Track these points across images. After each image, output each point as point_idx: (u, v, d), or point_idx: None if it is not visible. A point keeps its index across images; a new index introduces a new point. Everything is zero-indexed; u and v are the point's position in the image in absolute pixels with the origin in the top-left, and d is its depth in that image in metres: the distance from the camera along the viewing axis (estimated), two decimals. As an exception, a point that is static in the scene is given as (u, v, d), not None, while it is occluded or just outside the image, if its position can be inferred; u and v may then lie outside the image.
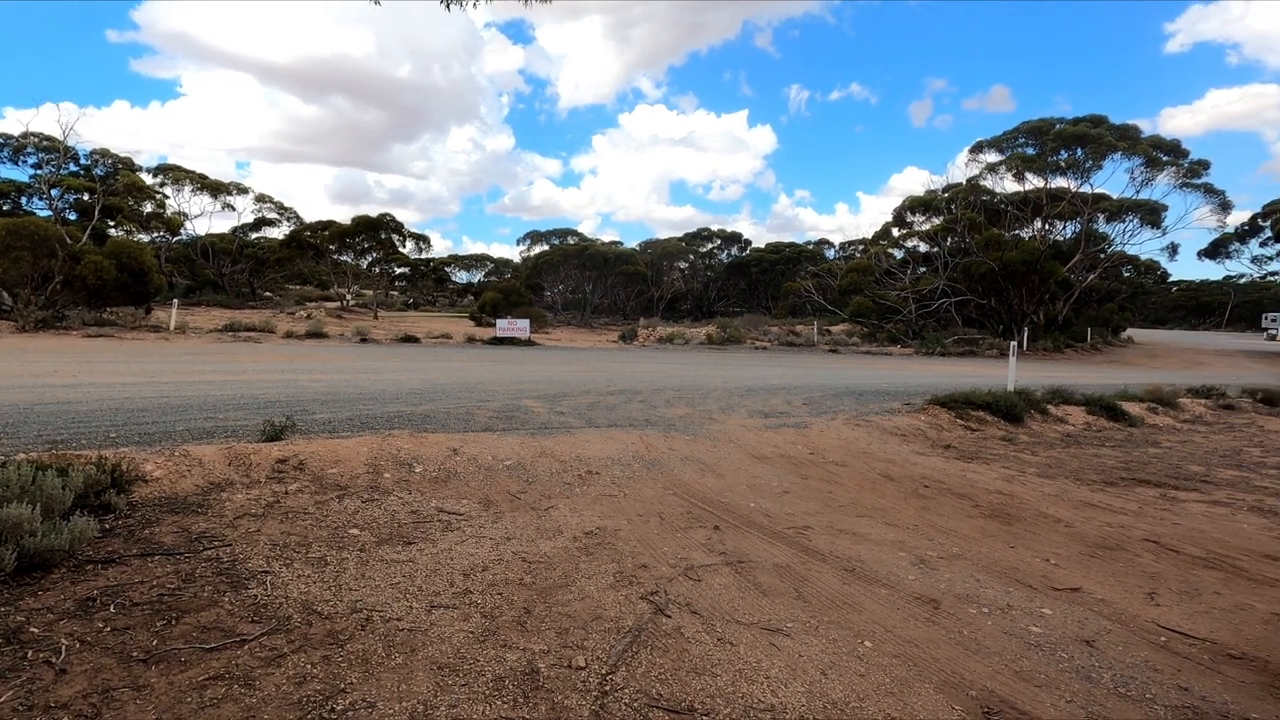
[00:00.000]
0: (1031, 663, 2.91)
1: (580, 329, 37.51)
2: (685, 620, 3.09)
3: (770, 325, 34.00)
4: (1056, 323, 34.29)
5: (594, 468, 5.71)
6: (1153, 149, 30.86)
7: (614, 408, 8.70)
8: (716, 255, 60.10)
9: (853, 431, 7.95)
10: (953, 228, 33.21)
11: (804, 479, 5.93)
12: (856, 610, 3.34)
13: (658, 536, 4.24)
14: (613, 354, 20.98)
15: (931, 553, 4.25)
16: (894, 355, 26.10)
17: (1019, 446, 8.10)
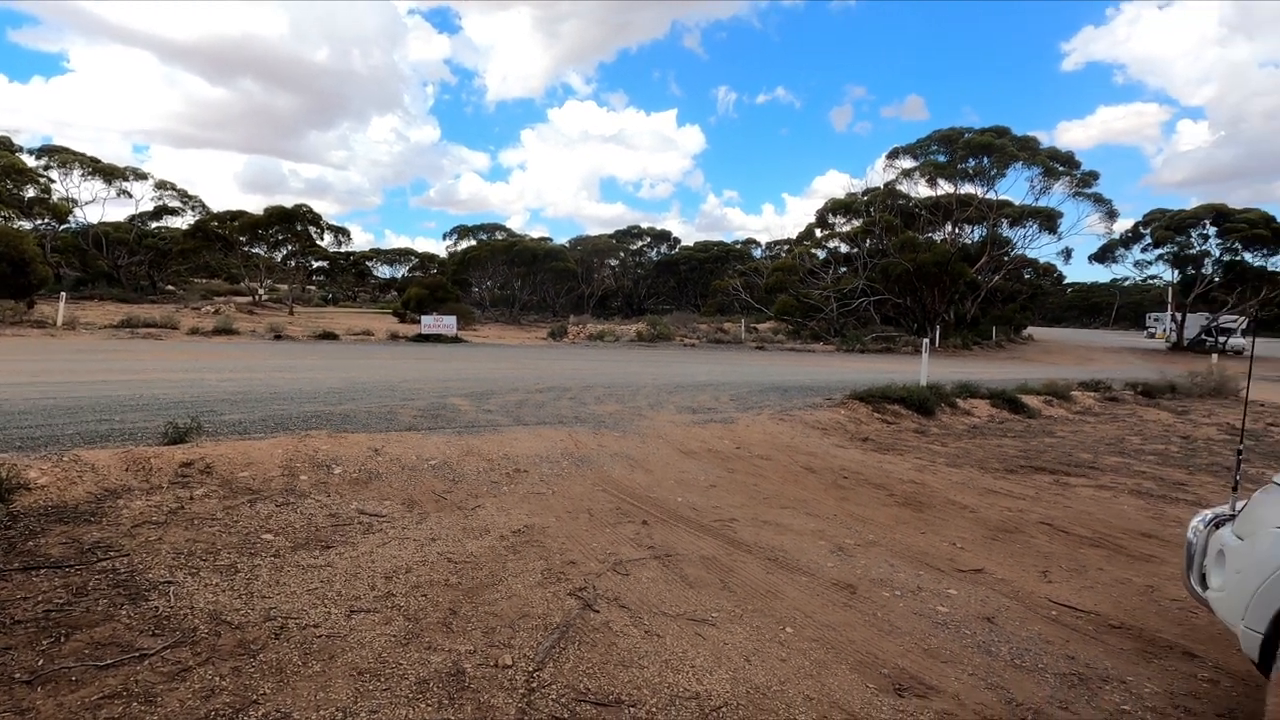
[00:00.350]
0: (939, 640, 3.09)
1: (509, 326, 36.95)
2: (613, 614, 3.11)
3: (699, 323, 34.52)
4: (965, 321, 36.32)
5: (522, 466, 5.66)
6: (1050, 160, 33.14)
7: (543, 405, 8.64)
8: (646, 253, 60.45)
9: (777, 426, 8.19)
10: (871, 230, 34.64)
11: (730, 473, 6.07)
12: (779, 598, 3.45)
13: (586, 533, 4.24)
14: (542, 351, 20.79)
15: (849, 540, 4.44)
16: (817, 352, 27.00)
17: (930, 438, 8.55)
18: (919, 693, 2.64)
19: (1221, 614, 2.47)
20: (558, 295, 47.79)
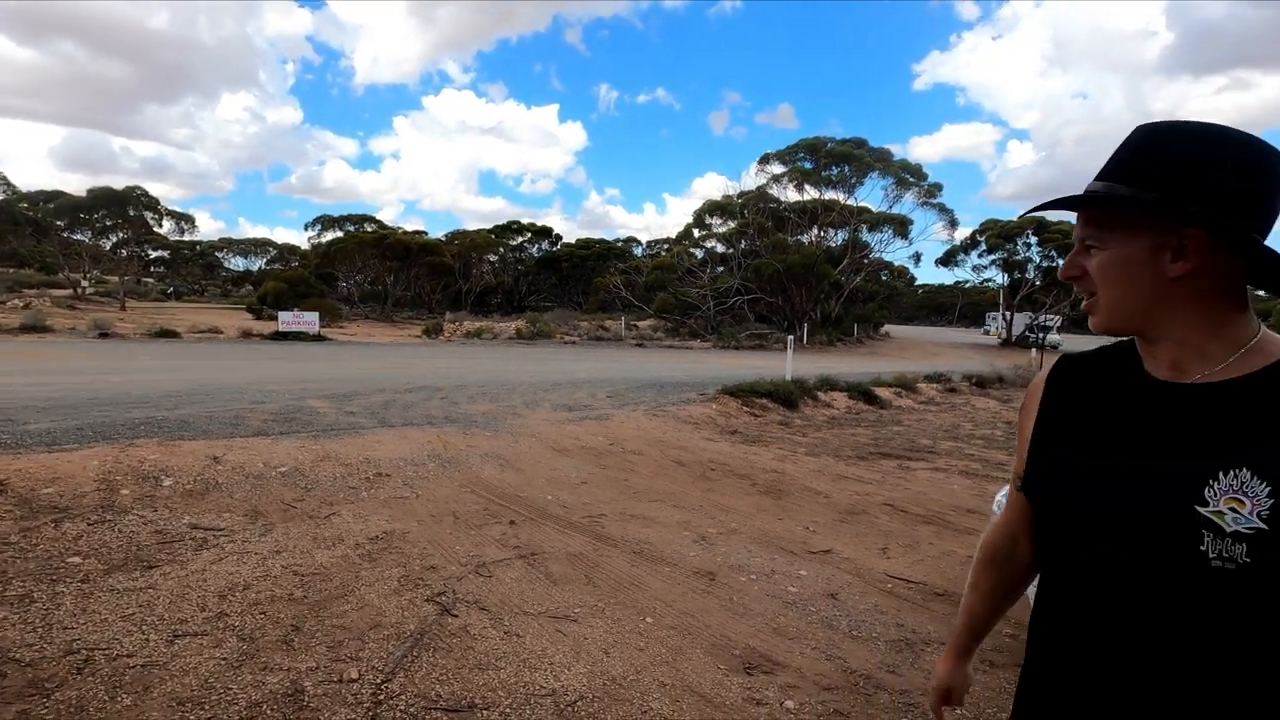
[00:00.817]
0: (787, 619, 3.29)
1: (380, 323, 35.17)
2: (473, 618, 3.04)
3: (580, 320, 34.53)
4: (831, 319, 38.85)
5: (385, 469, 5.40)
6: (902, 171, 36.14)
7: (411, 405, 8.29)
8: (527, 249, 59.61)
9: (651, 421, 8.36)
10: (745, 231, 36.19)
11: (602, 469, 6.12)
12: (642, 589, 3.52)
13: (450, 536, 4.12)
14: (415, 349, 19.97)
15: (712, 530, 4.62)
16: (695, 349, 27.85)
17: (794, 429, 9.07)
18: (766, 669, 2.79)
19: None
20: (434, 291, 46.02)
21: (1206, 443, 0.77)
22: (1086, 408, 0.89)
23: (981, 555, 1.09)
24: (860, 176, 35.71)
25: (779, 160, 37.86)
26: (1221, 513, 0.72)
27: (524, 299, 53.18)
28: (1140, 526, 0.77)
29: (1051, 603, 0.89)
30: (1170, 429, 0.80)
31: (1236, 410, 0.77)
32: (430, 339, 25.74)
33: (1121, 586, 0.79)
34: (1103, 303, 0.84)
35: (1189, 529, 0.73)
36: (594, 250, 55.63)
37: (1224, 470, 0.74)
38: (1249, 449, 0.74)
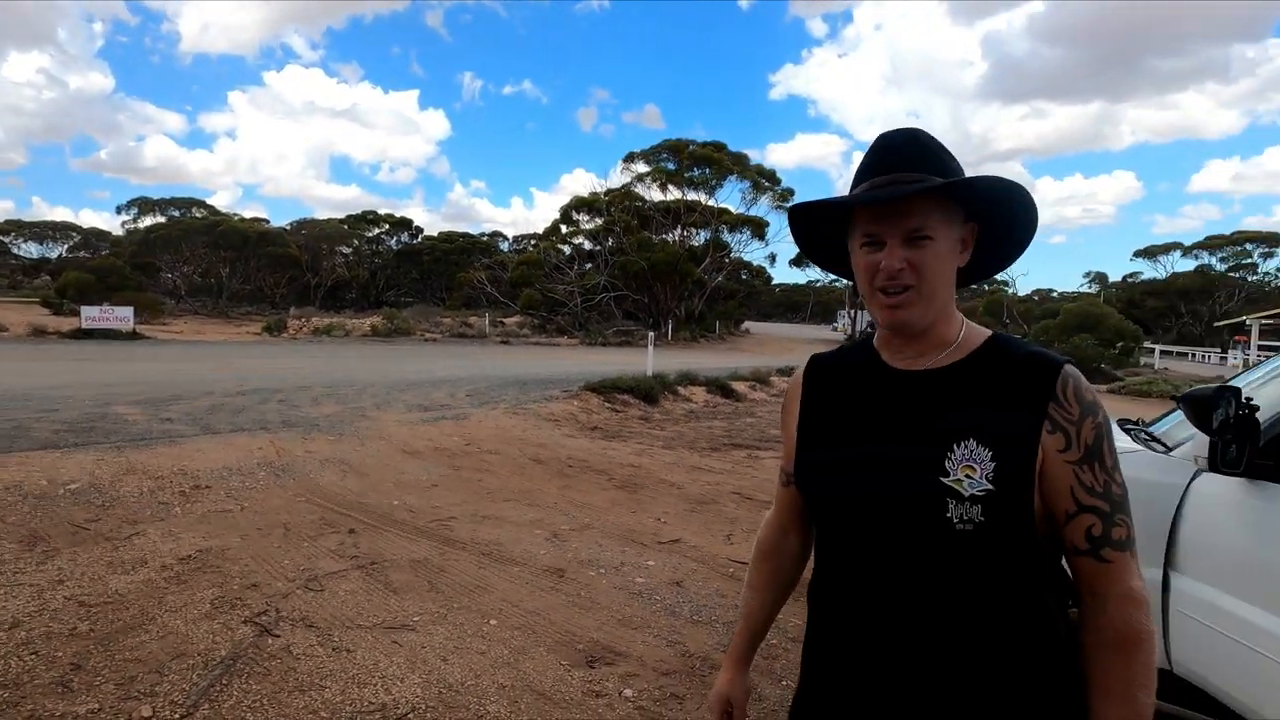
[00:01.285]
0: (633, 609, 3.35)
1: (213, 319, 31.91)
2: (297, 636, 2.83)
3: (443, 317, 33.28)
4: (694, 316, 40.22)
5: (204, 481, 4.89)
6: (758, 175, 38.11)
7: (243, 409, 7.58)
8: (385, 241, 56.48)
9: (510, 420, 8.22)
10: (612, 229, 36.55)
11: (456, 470, 5.93)
12: (488, 592, 3.45)
13: (279, 550, 3.81)
14: (252, 348, 18.30)
15: (565, 526, 4.62)
16: (562, 346, 27.76)
17: (653, 424, 9.29)
18: (608, 661, 2.83)
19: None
20: (277, 285, 42.37)
21: (941, 421, 0.86)
22: (841, 402, 0.95)
23: (756, 553, 1.13)
24: (720, 179, 37.24)
25: (644, 160, 38.59)
26: (960, 480, 0.82)
27: (381, 294, 50.33)
28: (899, 500, 0.85)
29: (824, 579, 0.95)
30: (913, 412, 0.89)
31: (960, 390, 0.88)
32: (272, 337, 23.67)
33: (884, 555, 0.87)
34: (925, 295, 0.86)
35: (937, 498, 0.82)
36: (458, 244, 53.82)
37: (957, 443, 0.84)
38: (973, 422, 0.85)
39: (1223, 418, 1.87)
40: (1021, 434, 0.83)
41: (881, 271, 0.86)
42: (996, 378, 0.87)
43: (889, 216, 0.86)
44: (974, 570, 0.83)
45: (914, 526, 0.84)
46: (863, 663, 0.89)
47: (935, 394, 0.88)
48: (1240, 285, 49.38)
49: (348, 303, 45.86)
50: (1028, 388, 0.85)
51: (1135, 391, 17.51)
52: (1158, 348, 35.64)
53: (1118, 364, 22.87)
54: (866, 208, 0.88)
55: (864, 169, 0.91)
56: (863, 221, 0.88)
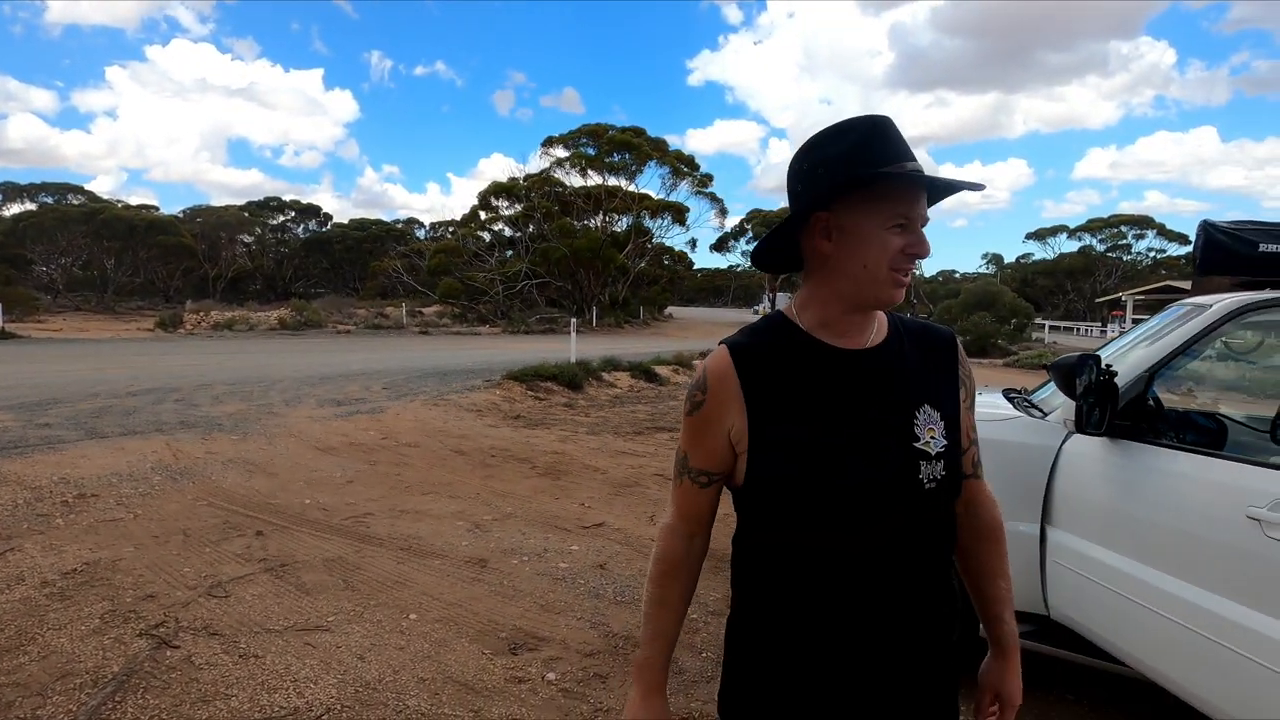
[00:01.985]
0: (556, 595, 3.36)
1: (98, 315, 29.44)
2: (199, 646, 2.69)
3: (356, 308, 31.95)
4: (618, 302, 40.25)
5: (91, 489, 4.54)
6: (677, 161, 38.39)
7: (134, 411, 7.06)
8: (291, 229, 53.57)
9: (430, 412, 8.01)
10: (532, 215, 35.98)
11: (372, 465, 5.74)
12: (407, 586, 3.38)
13: (178, 558, 3.59)
14: (144, 345, 17.02)
15: (488, 516, 4.56)
16: (483, 335, 27.21)
17: (577, 410, 9.27)
18: (531, 647, 2.84)
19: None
20: (171, 278, 39.48)
21: (897, 392, 0.93)
22: (797, 386, 0.92)
23: (663, 567, 1.02)
24: (640, 164, 37.30)
25: (563, 144, 38.15)
26: (927, 443, 0.92)
27: (289, 285, 47.77)
28: (885, 469, 0.90)
29: (782, 559, 0.92)
30: (878, 383, 0.93)
31: (901, 363, 0.95)
32: (166, 332, 22.08)
33: (863, 524, 0.89)
34: (912, 273, 0.93)
35: (912, 461, 0.91)
36: (371, 232, 51.67)
37: (917, 409, 0.93)
38: (921, 389, 0.94)
39: (1086, 383, 2.05)
40: (951, 393, 0.98)
41: (907, 253, 0.89)
42: (919, 349, 0.98)
43: (920, 202, 0.90)
44: (935, 523, 0.94)
45: (895, 492, 0.90)
46: (836, 627, 0.91)
47: (885, 369, 0.94)
48: (1117, 264, 53.90)
49: (251, 295, 43.25)
50: (942, 354, 0.99)
51: (1027, 365, 18.86)
52: (1047, 323, 38.51)
53: (1012, 339, 24.56)
54: (902, 189, 0.89)
55: (890, 151, 0.88)
56: (895, 202, 0.88)
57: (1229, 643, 1.72)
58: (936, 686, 0.99)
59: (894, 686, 0.94)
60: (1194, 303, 2.29)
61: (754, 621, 0.97)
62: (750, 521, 0.97)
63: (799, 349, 0.94)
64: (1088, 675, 2.58)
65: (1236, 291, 2.23)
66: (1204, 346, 2.21)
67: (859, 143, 0.89)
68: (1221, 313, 2.10)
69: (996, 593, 1.06)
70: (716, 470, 0.96)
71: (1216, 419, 2.66)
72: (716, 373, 0.94)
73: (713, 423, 0.94)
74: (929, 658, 0.96)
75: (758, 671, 0.96)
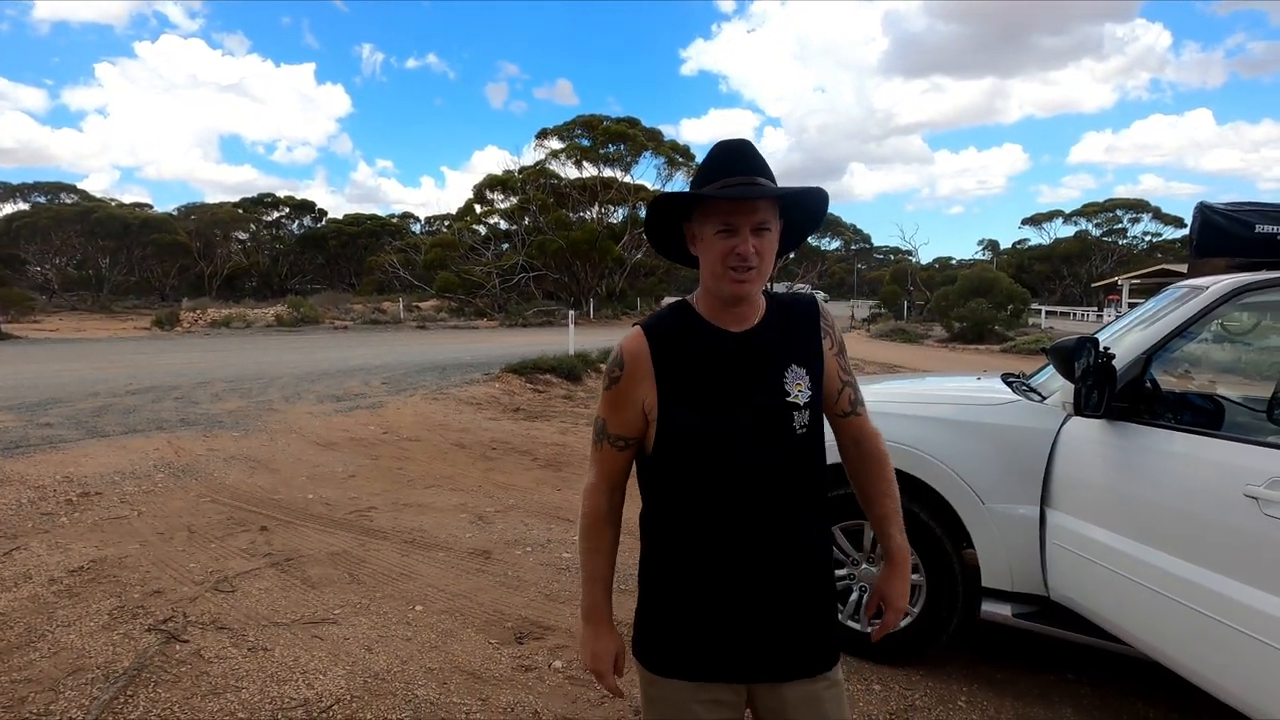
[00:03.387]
0: (560, 584, 3.39)
1: (94, 315, 29.37)
2: (208, 640, 2.71)
3: (353, 303, 31.90)
4: (616, 294, 40.21)
5: (95, 488, 4.55)
6: (672, 151, 38.21)
7: (135, 410, 7.07)
8: (286, 226, 53.34)
9: (430, 406, 8.03)
10: (528, 207, 35.84)
11: (374, 460, 5.76)
12: (412, 579, 3.40)
13: (183, 554, 3.61)
14: (141, 344, 16.99)
15: (491, 508, 4.59)
16: (481, 328, 27.19)
17: (576, 402, 9.29)
18: (537, 635, 2.86)
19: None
20: (166, 276, 39.37)
21: (775, 360, 1.15)
22: (699, 363, 1.13)
23: (591, 520, 1.22)
24: (635, 155, 37.13)
25: (557, 136, 37.96)
26: (795, 395, 1.13)
27: (285, 281, 47.62)
28: (764, 417, 1.12)
29: (684, 499, 1.14)
30: (757, 360, 1.14)
31: (776, 334, 1.16)
32: (164, 331, 22.03)
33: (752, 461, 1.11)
34: (762, 273, 1.10)
35: (786, 412, 1.13)
36: (366, 227, 51.43)
37: (785, 370, 1.14)
38: (790, 352, 1.16)
39: (1084, 366, 2.07)
40: (815, 348, 1.19)
41: (735, 254, 1.07)
42: (789, 318, 1.19)
43: (743, 211, 1.07)
44: (810, 462, 1.16)
45: (773, 438, 1.12)
46: (727, 564, 1.12)
47: (766, 343, 1.15)
48: (1113, 249, 53.88)
49: (247, 292, 43.12)
50: (806, 317, 1.20)
51: (1025, 350, 18.90)
52: (1044, 309, 38.53)
53: (1009, 325, 24.58)
54: (723, 202, 1.07)
55: (715, 170, 1.09)
56: (721, 213, 1.07)
57: (1227, 619, 1.75)
58: (815, 610, 1.18)
59: (777, 609, 1.14)
60: (1191, 285, 2.30)
61: (657, 570, 1.19)
62: (653, 486, 1.19)
63: (697, 332, 1.14)
64: (1088, 655, 2.61)
65: (1233, 273, 2.25)
66: (1201, 328, 2.23)
67: (702, 167, 1.12)
68: (1218, 294, 2.11)
69: (885, 511, 1.26)
70: (632, 435, 1.17)
71: (1214, 400, 2.68)
72: (632, 350, 1.14)
73: (629, 395, 1.14)
74: (807, 583, 1.17)
75: (661, 613, 1.17)
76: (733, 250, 1.07)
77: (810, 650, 1.17)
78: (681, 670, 1.15)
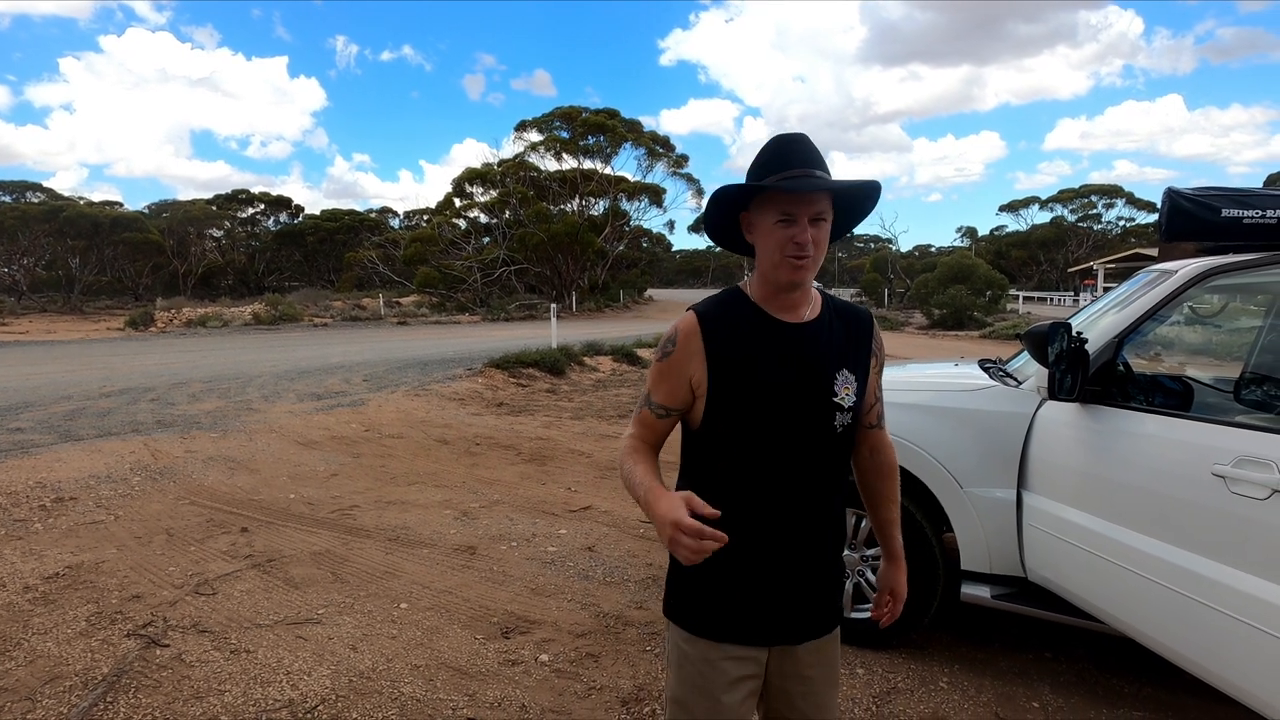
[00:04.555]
0: (546, 578, 3.39)
1: (66, 316, 28.77)
2: (189, 644, 2.68)
3: (333, 300, 31.51)
4: (598, 286, 40.09)
5: (69, 492, 4.47)
6: (652, 142, 38.10)
7: (110, 412, 6.94)
8: (262, 222, 52.53)
9: (412, 402, 7.97)
10: (508, 200, 35.57)
11: (356, 458, 5.71)
12: (397, 576, 3.38)
13: (162, 557, 3.56)
14: (116, 345, 16.66)
15: (475, 504, 4.57)
16: (463, 323, 26.99)
17: (560, 396, 9.27)
18: (523, 630, 2.87)
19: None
20: (139, 275, 38.62)
21: (826, 357, 1.20)
22: (748, 348, 1.18)
23: (631, 448, 1.23)
24: (615, 146, 36.95)
25: (536, 128, 37.67)
26: (841, 398, 1.20)
27: (262, 279, 46.93)
28: (809, 413, 1.18)
29: (727, 476, 1.19)
30: (807, 351, 1.20)
31: (829, 335, 1.22)
32: (137, 331, 21.62)
33: (793, 450, 1.18)
34: (816, 261, 1.14)
35: (830, 410, 1.19)
36: (344, 222, 50.78)
37: (836, 372, 1.20)
38: (842, 357, 1.22)
39: (1057, 351, 2.10)
40: (865, 362, 1.26)
41: (794, 243, 1.11)
42: (843, 324, 1.25)
43: (802, 202, 1.11)
44: (842, 455, 1.25)
45: (815, 430, 1.19)
46: (763, 535, 1.19)
47: (822, 340, 1.21)
48: (1088, 234, 54.64)
49: (223, 290, 42.44)
50: (861, 330, 1.27)
51: (1003, 335, 19.15)
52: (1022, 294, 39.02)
53: (988, 311, 24.89)
54: (783, 193, 1.11)
55: (777, 162, 1.13)
56: (781, 204, 1.12)
57: (1197, 595, 1.79)
58: (830, 583, 1.29)
59: (802, 582, 1.23)
60: (1160, 269, 2.35)
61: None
62: (696, 458, 1.24)
63: (750, 318, 1.19)
64: (1065, 633, 2.67)
65: (1201, 257, 2.29)
66: (1171, 311, 2.27)
67: (761, 160, 1.16)
68: (1186, 278, 2.15)
69: (890, 515, 1.37)
70: (675, 406, 1.22)
71: (1183, 381, 2.73)
72: (686, 330, 1.19)
73: (677, 369, 1.19)
74: (826, 560, 1.26)
75: (696, 578, 1.20)
76: (791, 239, 1.12)
77: (827, 614, 1.28)
78: (716, 632, 1.22)
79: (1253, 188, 2.30)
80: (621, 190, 39.46)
